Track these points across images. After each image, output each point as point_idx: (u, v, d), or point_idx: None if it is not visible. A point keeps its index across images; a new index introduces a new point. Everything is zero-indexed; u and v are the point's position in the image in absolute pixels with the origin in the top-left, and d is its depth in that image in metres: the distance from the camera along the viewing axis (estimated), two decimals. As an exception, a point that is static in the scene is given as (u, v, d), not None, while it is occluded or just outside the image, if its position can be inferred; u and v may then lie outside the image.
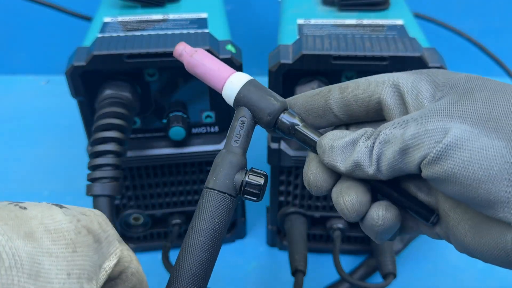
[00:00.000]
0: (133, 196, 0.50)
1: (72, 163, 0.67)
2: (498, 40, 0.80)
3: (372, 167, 0.22)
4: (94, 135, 0.38)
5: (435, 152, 0.20)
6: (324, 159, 0.24)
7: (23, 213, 0.18)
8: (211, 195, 0.25)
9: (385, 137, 0.22)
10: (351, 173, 0.23)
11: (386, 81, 0.24)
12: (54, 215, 0.19)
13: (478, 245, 0.22)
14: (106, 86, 0.41)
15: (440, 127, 0.20)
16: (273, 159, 0.47)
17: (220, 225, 0.25)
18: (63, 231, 0.19)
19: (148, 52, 0.40)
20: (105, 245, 0.21)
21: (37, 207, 0.19)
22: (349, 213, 0.24)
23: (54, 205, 0.20)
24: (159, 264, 0.50)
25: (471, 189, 0.20)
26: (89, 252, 0.19)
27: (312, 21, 0.46)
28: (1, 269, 0.16)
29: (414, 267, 0.54)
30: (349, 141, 0.23)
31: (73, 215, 0.20)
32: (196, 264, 0.24)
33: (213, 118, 0.47)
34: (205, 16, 0.47)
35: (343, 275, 0.46)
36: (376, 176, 0.22)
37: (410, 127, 0.21)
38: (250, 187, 0.25)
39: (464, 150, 0.19)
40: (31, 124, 0.76)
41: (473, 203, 0.20)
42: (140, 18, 0.47)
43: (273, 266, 0.55)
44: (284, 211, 0.51)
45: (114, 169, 0.37)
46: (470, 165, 0.19)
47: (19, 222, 0.17)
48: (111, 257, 0.21)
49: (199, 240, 0.24)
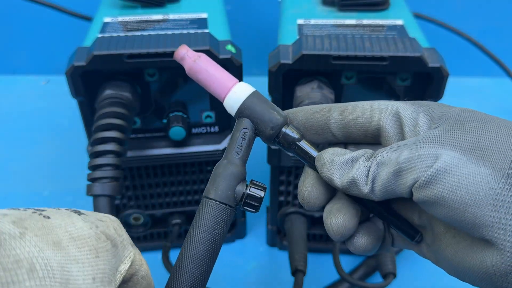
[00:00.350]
0: (133, 196, 0.50)
1: (72, 163, 0.67)
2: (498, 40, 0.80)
3: (367, 186, 0.23)
4: (94, 135, 0.38)
5: (426, 176, 0.21)
6: (322, 172, 0.25)
7: (48, 222, 0.19)
8: (211, 206, 0.25)
9: (381, 159, 0.23)
10: (346, 189, 0.24)
11: (386, 109, 0.25)
12: (76, 223, 0.20)
13: (465, 268, 0.23)
14: (106, 86, 0.41)
15: (431, 153, 0.21)
16: (273, 159, 0.47)
17: (219, 236, 0.25)
18: (85, 238, 0.20)
19: (148, 52, 0.40)
20: (121, 249, 0.22)
21: (58, 215, 0.20)
22: (334, 234, 0.25)
23: (73, 212, 0.21)
24: (159, 264, 0.50)
25: (458, 212, 0.21)
26: (108, 256, 0.20)
27: (312, 21, 0.46)
28: (36, 279, 0.16)
29: (414, 267, 0.54)
30: (349, 158, 0.24)
31: (91, 222, 0.21)
32: (194, 274, 0.24)
33: (213, 118, 0.47)
34: (205, 16, 0.47)
35: (343, 275, 0.46)
36: (370, 196, 0.23)
37: (405, 151, 0.22)
38: (251, 199, 0.26)
39: (452, 175, 0.21)
40: (31, 124, 0.76)
41: (460, 226, 0.21)
42: (140, 18, 0.47)
43: (273, 266, 0.55)
44: (284, 211, 0.51)
45: (114, 169, 0.38)
46: (458, 190, 0.20)
47: (46, 232, 0.18)
48: (126, 261, 0.22)
49: (198, 250, 0.25)
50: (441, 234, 0.24)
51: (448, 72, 0.40)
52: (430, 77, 0.40)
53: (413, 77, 0.43)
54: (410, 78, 0.43)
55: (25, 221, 0.18)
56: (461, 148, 0.21)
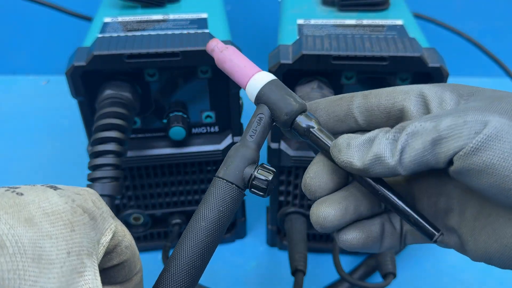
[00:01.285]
0: (133, 196, 0.50)
1: (72, 163, 0.67)
2: (498, 40, 0.80)
3: (394, 158, 0.22)
4: (94, 135, 0.38)
5: (475, 143, 0.20)
6: (340, 157, 0.24)
7: (20, 199, 0.19)
8: (219, 184, 0.26)
9: (414, 129, 0.22)
10: (369, 169, 0.23)
11: (410, 90, 0.25)
12: (50, 198, 0.20)
13: (501, 247, 0.22)
14: (106, 86, 0.41)
15: (479, 119, 0.21)
16: (273, 159, 0.47)
17: (223, 214, 0.25)
18: (60, 213, 0.19)
19: (148, 52, 0.40)
20: (100, 222, 0.22)
21: (33, 191, 0.20)
22: (315, 224, 0.25)
23: (48, 187, 0.21)
24: (159, 264, 0.50)
25: (508, 180, 0.20)
26: (86, 229, 0.20)
27: (312, 21, 0.46)
28: (6, 256, 0.16)
29: (414, 267, 0.54)
30: (367, 138, 0.23)
31: (67, 196, 0.21)
32: (194, 247, 0.25)
33: (213, 118, 0.47)
34: (205, 16, 0.47)
35: (343, 275, 0.46)
36: (396, 170, 0.22)
37: (446, 120, 0.21)
38: (258, 181, 0.26)
39: (504, 142, 0.20)
40: (31, 124, 0.76)
41: (506, 196, 0.21)
42: (140, 18, 0.47)
43: (273, 266, 0.55)
44: (284, 211, 0.51)
45: (114, 169, 0.38)
46: (510, 156, 0.20)
47: (18, 209, 0.18)
48: (107, 233, 0.22)
49: (201, 225, 0.25)
50: (474, 215, 0.24)
51: (448, 72, 0.40)
52: (430, 77, 0.40)
53: (413, 77, 0.43)
54: (410, 78, 0.43)
55: None
56: (509, 116, 0.21)
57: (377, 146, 0.23)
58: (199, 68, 0.43)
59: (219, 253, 0.56)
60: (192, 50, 0.40)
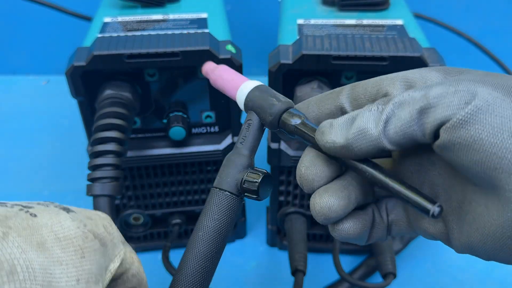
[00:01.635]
0: (133, 196, 0.50)
1: (72, 163, 0.67)
2: (498, 40, 0.80)
3: (378, 128, 0.21)
4: (94, 135, 0.38)
5: (464, 114, 0.19)
6: (323, 139, 0.23)
7: (34, 221, 0.19)
8: (214, 193, 0.26)
9: (402, 99, 0.21)
10: (352, 145, 0.22)
11: (396, 76, 0.24)
12: (63, 221, 0.20)
13: (481, 239, 0.21)
14: (106, 86, 0.41)
15: (471, 90, 0.19)
16: (273, 159, 0.47)
17: (221, 222, 0.25)
18: (71, 238, 0.19)
19: (148, 52, 0.40)
20: (111, 248, 0.22)
21: (46, 213, 0.19)
22: (316, 215, 0.24)
23: (61, 210, 0.21)
24: (159, 264, 0.50)
25: (495, 158, 0.18)
26: (96, 256, 0.20)
27: (312, 21, 0.46)
28: (16, 282, 0.16)
29: (414, 267, 0.54)
30: (349, 116, 0.22)
31: (79, 220, 0.20)
32: (197, 257, 0.25)
33: (213, 118, 0.47)
34: (205, 16, 0.47)
35: (343, 275, 0.46)
36: (380, 142, 0.21)
37: (436, 88, 0.20)
38: (247, 184, 0.26)
39: (495, 116, 0.18)
40: (31, 124, 0.76)
41: (491, 175, 0.19)
42: (140, 18, 0.47)
43: (273, 266, 0.55)
44: (284, 211, 0.51)
45: (114, 169, 0.38)
46: (499, 132, 0.18)
47: (31, 232, 0.18)
48: (116, 259, 0.22)
49: (198, 235, 0.25)
50: (459, 202, 0.22)
51: (448, 72, 0.39)
52: (430, 77, 0.40)
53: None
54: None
55: (10, 219, 0.18)
56: (503, 90, 0.19)
57: (360, 119, 0.22)
58: (199, 68, 0.43)
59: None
60: (192, 50, 0.40)
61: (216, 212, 0.26)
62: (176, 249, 0.53)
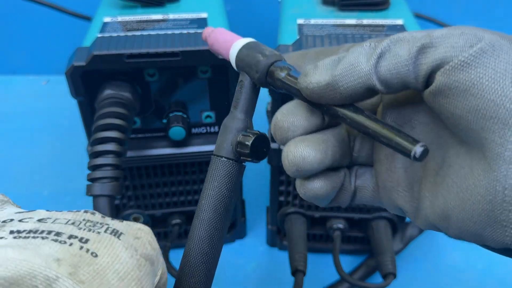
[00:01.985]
0: (133, 196, 0.50)
1: (72, 163, 0.67)
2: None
3: (370, 62, 0.19)
4: (94, 135, 0.38)
5: (467, 56, 0.17)
6: (305, 81, 0.21)
7: (98, 264, 0.18)
8: (212, 161, 0.26)
9: (401, 36, 0.19)
10: (338, 83, 0.20)
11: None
12: (119, 254, 0.19)
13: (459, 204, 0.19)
14: (106, 86, 0.41)
15: (477, 34, 0.18)
16: (273, 159, 0.47)
17: (221, 189, 0.25)
18: (130, 272, 0.19)
19: (148, 52, 0.40)
20: (156, 264, 0.21)
21: (103, 248, 0.19)
22: (288, 165, 0.22)
23: (112, 236, 0.20)
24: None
25: (492, 105, 0.17)
26: (150, 279, 0.20)
27: (312, 21, 0.46)
28: None
29: (414, 267, 0.54)
30: (337, 57, 0.21)
31: (131, 246, 0.20)
32: (201, 224, 0.25)
33: (213, 118, 0.47)
34: (205, 16, 0.47)
35: (343, 275, 0.46)
36: (369, 78, 0.19)
37: (440, 30, 0.19)
38: (240, 147, 0.25)
39: (500, 61, 0.17)
40: (31, 124, 0.76)
41: (480, 127, 0.18)
42: (140, 18, 0.47)
43: (273, 266, 0.55)
44: (284, 211, 0.51)
45: (114, 169, 0.37)
46: (502, 78, 0.17)
47: (100, 281, 0.18)
48: (159, 273, 0.22)
49: (202, 203, 0.25)
50: (435, 167, 0.21)
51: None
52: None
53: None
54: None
55: (79, 269, 0.18)
56: (508, 39, 0.18)
57: (350, 54, 0.20)
58: (199, 68, 0.43)
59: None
60: (192, 50, 0.40)
61: (216, 179, 0.25)
62: (176, 249, 0.53)
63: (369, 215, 0.50)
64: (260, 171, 0.60)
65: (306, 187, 0.23)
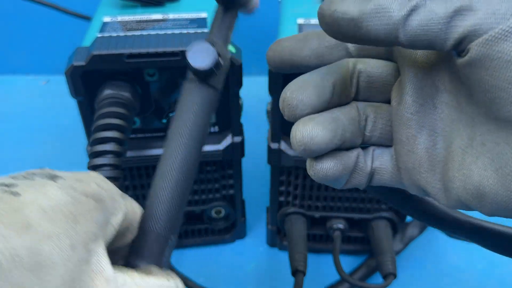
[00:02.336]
0: (133, 196, 0.50)
1: (72, 163, 0.67)
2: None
3: (402, 12, 0.18)
4: (94, 135, 0.38)
5: (509, 25, 0.17)
6: (330, 8, 0.20)
7: (17, 201, 0.18)
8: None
9: None
10: (364, 22, 0.19)
11: None
12: (49, 192, 0.19)
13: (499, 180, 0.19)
14: (106, 86, 0.41)
15: None
16: (273, 159, 0.47)
17: (186, 106, 0.27)
18: (60, 207, 0.18)
19: (148, 52, 0.40)
20: (109, 202, 0.21)
21: (30, 188, 0.19)
22: (296, 143, 0.22)
23: (48, 180, 0.20)
24: (159, 264, 0.50)
25: None
26: (92, 214, 0.19)
27: (312, 21, 0.46)
28: (2, 274, 0.15)
29: (414, 267, 0.54)
30: None
31: (68, 186, 0.20)
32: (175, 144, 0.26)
33: (213, 118, 0.47)
34: (205, 16, 0.47)
35: (343, 275, 0.46)
36: (396, 29, 0.18)
37: None
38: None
39: None
40: (31, 124, 0.76)
41: None
42: (140, 18, 0.46)
43: (273, 266, 0.55)
44: (284, 211, 0.51)
45: (114, 169, 0.37)
46: None
47: (15, 215, 0.17)
48: (116, 212, 0.21)
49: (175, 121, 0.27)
50: (463, 147, 0.20)
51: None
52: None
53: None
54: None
55: None
56: None
57: None
58: (199, 68, 0.43)
59: (219, 253, 0.56)
60: (192, 50, 0.40)
61: (186, 100, 0.28)
62: (175, 249, 0.53)
63: (369, 215, 0.50)
64: (260, 171, 0.59)
65: (315, 167, 0.23)
